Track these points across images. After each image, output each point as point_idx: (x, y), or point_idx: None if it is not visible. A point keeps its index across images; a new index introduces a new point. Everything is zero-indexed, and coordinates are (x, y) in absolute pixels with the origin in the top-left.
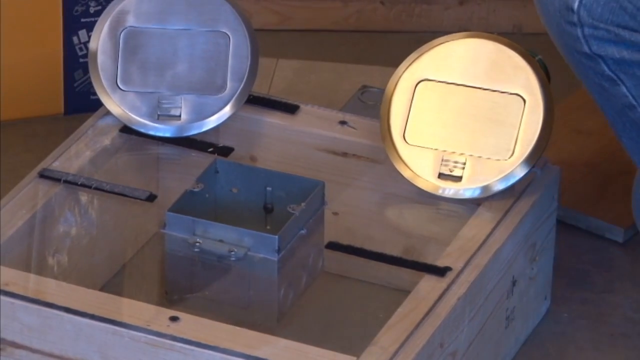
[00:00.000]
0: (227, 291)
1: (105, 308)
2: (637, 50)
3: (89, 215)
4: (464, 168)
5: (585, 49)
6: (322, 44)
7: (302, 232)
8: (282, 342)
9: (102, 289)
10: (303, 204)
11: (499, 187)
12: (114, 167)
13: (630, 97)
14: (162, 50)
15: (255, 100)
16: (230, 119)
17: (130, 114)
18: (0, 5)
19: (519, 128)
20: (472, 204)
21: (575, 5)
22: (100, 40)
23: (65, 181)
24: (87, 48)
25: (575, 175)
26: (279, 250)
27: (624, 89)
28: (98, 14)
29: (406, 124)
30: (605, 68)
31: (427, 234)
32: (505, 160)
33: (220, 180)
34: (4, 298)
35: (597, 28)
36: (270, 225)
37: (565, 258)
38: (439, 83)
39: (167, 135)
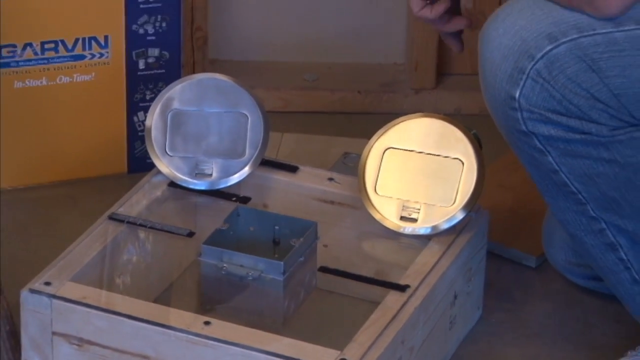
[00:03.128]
0: (245, 302)
1: (157, 315)
2: (562, 128)
3: (145, 247)
4: (419, 212)
5: (523, 128)
6: (316, 122)
7: (301, 259)
8: (286, 340)
9: (154, 301)
10: (301, 239)
11: (445, 226)
12: (164, 212)
13: (555, 164)
14: (198, 126)
15: (266, 163)
16: (248, 176)
17: (175, 173)
18: (82, 92)
19: (459, 183)
20: (425, 239)
21: (517, 95)
22: (153, 119)
23: (128, 222)
24: (144, 125)
25: (500, 218)
26: (284, 273)
27: (550, 158)
28: (152, 100)
29: (377, 180)
30: (537, 142)
31: (392, 261)
32: (449, 206)
33: (241, 221)
34: (82, 308)
35: (533, 112)
36: (277, 254)
37: (492, 279)
38: (401, 150)
39: (202, 188)
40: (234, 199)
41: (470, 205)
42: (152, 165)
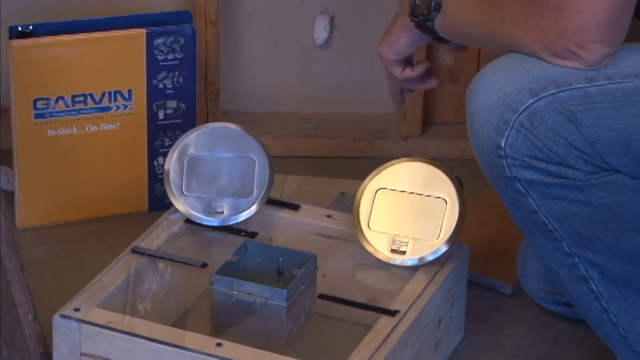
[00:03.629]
0: (253, 326)
1: (174, 337)
2: (542, 173)
3: (163, 277)
4: (407, 246)
5: (507, 173)
6: (316, 166)
7: (302, 287)
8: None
9: (172, 325)
10: (303, 269)
11: (430, 258)
12: (180, 246)
13: (535, 206)
14: (211, 169)
15: (271, 202)
16: (255, 214)
17: (191, 211)
18: (108, 140)
19: (443, 220)
20: (413, 269)
21: (503, 144)
22: (171, 163)
23: (149, 255)
24: (163, 168)
25: (479, 251)
26: (287, 300)
27: (531, 200)
28: (170, 146)
29: (369, 217)
30: (519, 186)
31: (384, 289)
32: (434, 240)
33: (249, 254)
34: (108, 331)
35: (516, 159)
36: (281, 283)
37: (473, 305)
38: (391, 190)
39: (215, 225)
40: (242, 234)
41: (453, 240)
42: (170, 204)
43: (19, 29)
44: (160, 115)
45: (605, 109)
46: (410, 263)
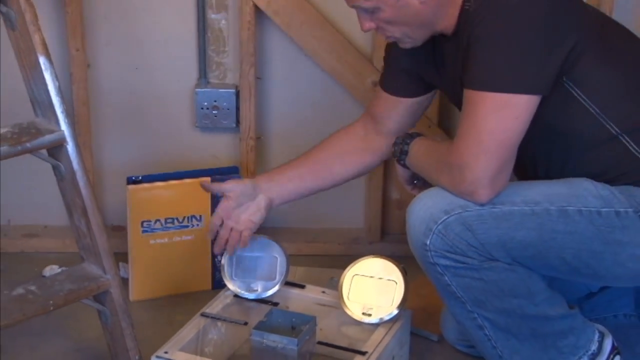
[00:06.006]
0: None
1: None
2: (452, 261)
3: (220, 331)
4: (372, 310)
5: (430, 260)
6: (315, 261)
7: (307, 337)
8: None
9: None
10: (307, 326)
11: (387, 318)
12: (231, 311)
13: (448, 281)
14: (250, 264)
15: (288, 283)
16: (278, 291)
17: (237, 289)
18: (187, 245)
19: (394, 294)
20: (376, 325)
21: (428, 243)
22: (225, 260)
23: (211, 317)
24: (220, 263)
25: (417, 313)
26: (297, 345)
27: (446, 278)
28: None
29: (349, 293)
30: (438, 269)
31: (358, 337)
32: (389, 307)
33: (274, 316)
34: None
35: (436, 252)
36: (293, 335)
37: (413, 347)
38: (362, 276)
39: (252, 298)
40: (269, 303)
41: (401, 306)
42: (224, 285)
43: (132, 178)
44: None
45: (490, 223)
46: (374, 321)
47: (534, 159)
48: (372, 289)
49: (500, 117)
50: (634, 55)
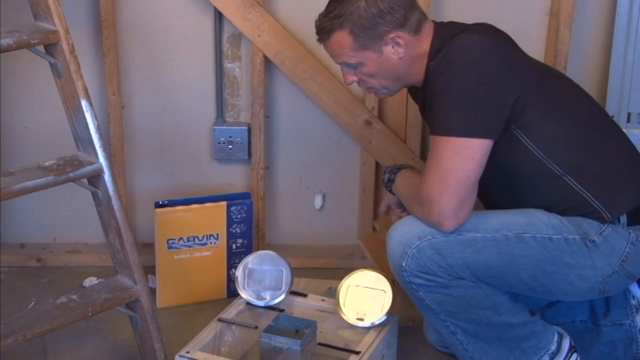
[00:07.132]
0: None
1: None
2: (425, 279)
3: (234, 334)
4: (365, 316)
5: (407, 279)
6: (315, 274)
7: (309, 339)
8: None
9: None
10: (309, 329)
11: (377, 322)
12: (243, 316)
13: (422, 296)
14: (260, 276)
15: (292, 293)
16: (283, 299)
17: (249, 297)
18: (206, 260)
19: (384, 302)
20: (368, 329)
21: (404, 264)
22: (239, 272)
23: (227, 321)
24: (234, 275)
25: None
26: (300, 346)
27: (420, 294)
28: (238, 263)
29: (345, 301)
30: (413, 286)
31: (352, 339)
32: (379, 313)
33: (280, 321)
34: None
35: (411, 272)
36: (297, 337)
37: (400, 347)
38: (356, 286)
39: (262, 305)
40: (277, 310)
41: (390, 312)
42: (238, 294)
43: (160, 202)
44: (233, 246)
45: (457, 248)
46: (366, 325)
47: (493, 192)
48: (365, 298)
49: (458, 159)
50: (575, 105)
